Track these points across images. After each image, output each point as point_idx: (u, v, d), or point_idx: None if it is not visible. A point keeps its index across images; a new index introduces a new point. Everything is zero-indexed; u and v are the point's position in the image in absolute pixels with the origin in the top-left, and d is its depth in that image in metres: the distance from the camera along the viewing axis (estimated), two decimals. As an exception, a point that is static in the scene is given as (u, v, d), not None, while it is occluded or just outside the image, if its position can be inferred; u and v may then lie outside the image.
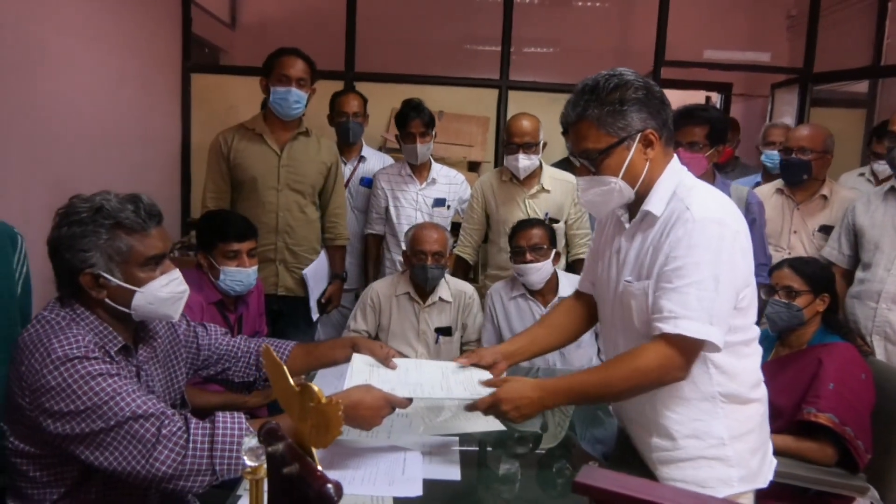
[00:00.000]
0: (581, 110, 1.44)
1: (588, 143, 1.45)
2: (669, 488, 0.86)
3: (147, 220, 1.41)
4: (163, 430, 1.28)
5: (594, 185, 1.48)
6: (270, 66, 2.72)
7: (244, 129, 2.79)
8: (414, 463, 1.63)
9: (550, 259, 2.57)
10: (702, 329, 1.34)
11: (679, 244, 1.37)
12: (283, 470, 0.88)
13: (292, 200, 2.79)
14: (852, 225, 2.54)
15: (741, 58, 4.64)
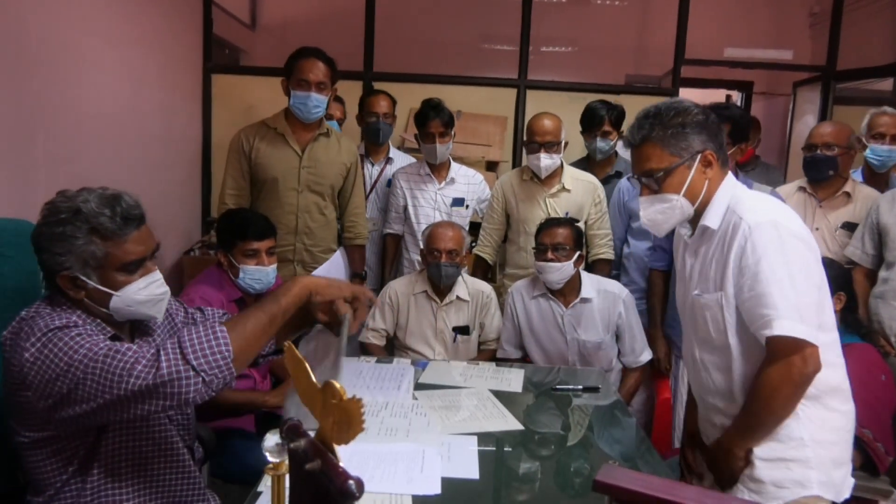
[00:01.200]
0: (646, 133, 1.56)
1: (652, 163, 1.56)
2: (691, 488, 0.86)
3: (124, 226, 1.37)
4: (131, 355, 1.25)
5: (656, 202, 1.59)
6: (291, 68, 2.71)
7: (266, 128, 2.79)
8: (432, 461, 1.64)
9: (573, 261, 2.54)
10: (795, 327, 1.40)
11: (745, 254, 1.46)
12: (305, 466, 0.89)
13: (312, 202, 2.80)
14: (876, 224, 2.51)
15: (762, 56, 4.59)
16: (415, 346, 2.72)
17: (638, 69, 4.97)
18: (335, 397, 0.86)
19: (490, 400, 2.10)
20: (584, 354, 2.61)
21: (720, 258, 1.53)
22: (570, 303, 2.62)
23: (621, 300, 2.63)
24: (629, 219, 3.07)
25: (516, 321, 2.69)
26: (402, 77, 4.01)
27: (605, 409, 2.21)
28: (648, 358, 2.70)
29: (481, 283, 2.84)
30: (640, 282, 2.98)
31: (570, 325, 2.61)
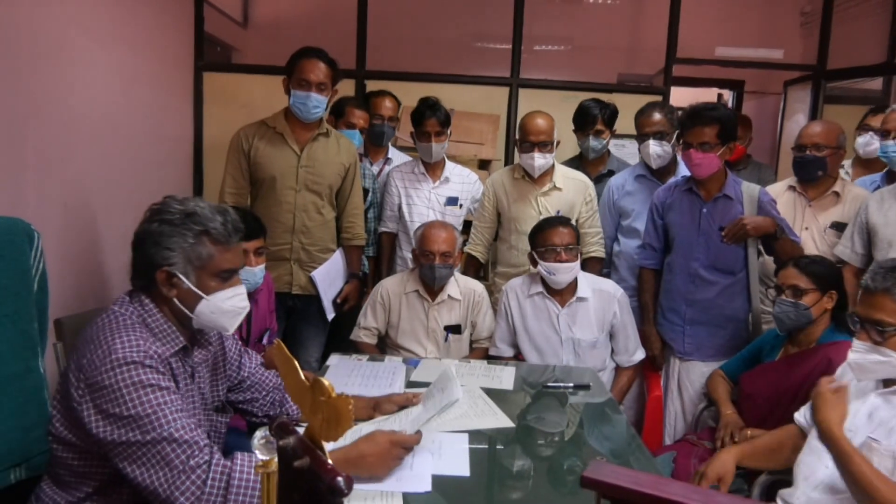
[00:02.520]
0: (889, 285, 1.59)
1: (885, 314, 1.58)
2: (678, 483, 0.87)
3: (232, 235, 1.49)
4: (191, 461, 1.31)
5: (874, 352, 1.60)
6: (292, 67, 2.71)
7: (265, 127, 2.79)
8: (423, 459, 1.65)
9: (577, 261, 2.56)
10: None
11: None
12: (293, 463, 0.90)
13: (309, 201, 2.80)
14: (865, 223, 2.52)
15: (753, 55, 4.60)
16: (406, 344, 2.72)
17: (630, 68, 4.98)
18: (324, 395, 0.86)
19: (481, 398, 2.10)
20: (579, 353, 2.62)
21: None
22: (567, 302, 2.62)
23: (616, 300, 2.64)
24: (619, 217, 3.09)
25: (510, 319, 2.70)
26: (394, 75, 4.01)
27: (596, 407, 2.22)
28: (641, 357, 2.71)
29: (473, 281, 2.84)
30: (630, 280, 2.99)
31: (565, 324, 2.62)
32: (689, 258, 2.63)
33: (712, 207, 2.60)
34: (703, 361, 2.64)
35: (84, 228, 2.72)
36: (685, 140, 2.55)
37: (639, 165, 3.10)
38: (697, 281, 2.62)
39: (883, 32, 4.12)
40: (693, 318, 2.65)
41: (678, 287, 2.67)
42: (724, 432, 2.21)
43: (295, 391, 0.94)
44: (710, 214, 2.60)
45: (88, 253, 2.73)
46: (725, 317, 2.60)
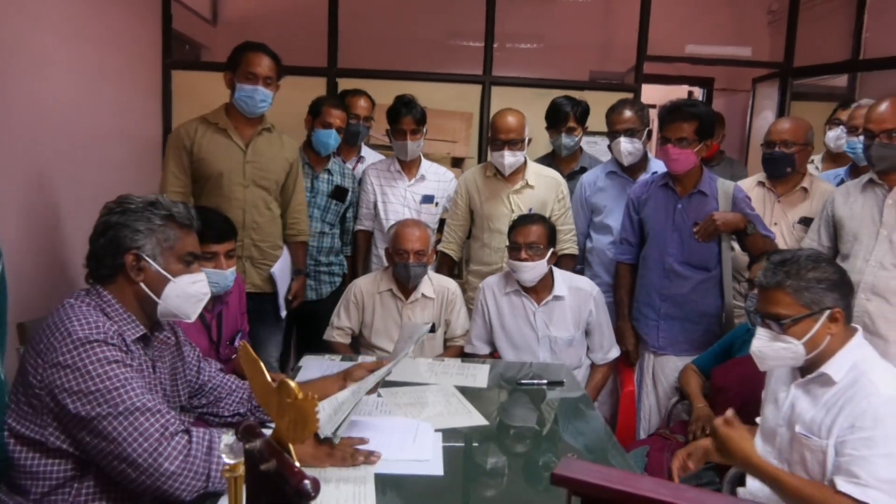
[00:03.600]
0: (780, 279, 1.63)
1: (780, 308, 1.63)
2: (647, 479, 0.87)
3: (193, 220, 1.57)
4: (169, 428, 1.34)
5: (775, 340, 1.65)
6: (236, 61, 2.65)
7: (207, 123, 2.71)
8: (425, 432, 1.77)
9: (546, 259, 2.55)
10: (888, 502, 1.45)
11: (864, 415, 1.51)
12: (260, 466, 0.88)
13: (258, 197, 2.74)
14: (831, 216, 2.56)
15: (722, 52, 4.67)
16: (380, 344, 2.70)
17: (602, 65, 5.01)
18: (290, 396, 0.85)
19: (455, 396, 2.10)
20: (555, 351, 2.63)
21: (833, 409, 1.58)
22: (543, 300, 2.63)
23: (592, 298, 2.65)
24: (591, 214, 3.10)
25: (487, 317, 2.70)
26: (366, 73, 3.98)
27: (570, 404, 2.22)
28: (616, 355, 2.73)
29: (446, 279, 2.83)
30: (603, 276, 3.01)
31: (541, 321, 2.63)
32: (664, 253, 2.65)
33: (687, 203, 2.62)
34: (676, 356, 2.66)
35: (49, 229, 2.66)
36: (663, 135, 2.57)
37: (610, 162, 3.12)
38: (671, 276, 2.64)
39: (847, 30, 4.20)
40: (667, 313, 2.67)
41: (652, 282, 2.69)
42: (695, 426, 2.24)
43: (261, 393, 0.93)
44: (685, 210, 2.62)
45: (52, 254, 2.67)
46: (699, 312, 2.63)
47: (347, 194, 3.15)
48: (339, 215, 3.18)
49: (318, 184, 3.09)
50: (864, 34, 4.11)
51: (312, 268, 3.13)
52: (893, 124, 2.30)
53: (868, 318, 2.40)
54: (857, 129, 2.79)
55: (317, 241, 3.10)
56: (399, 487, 1.54)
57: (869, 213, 2.43)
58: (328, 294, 3.18)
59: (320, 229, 3.11)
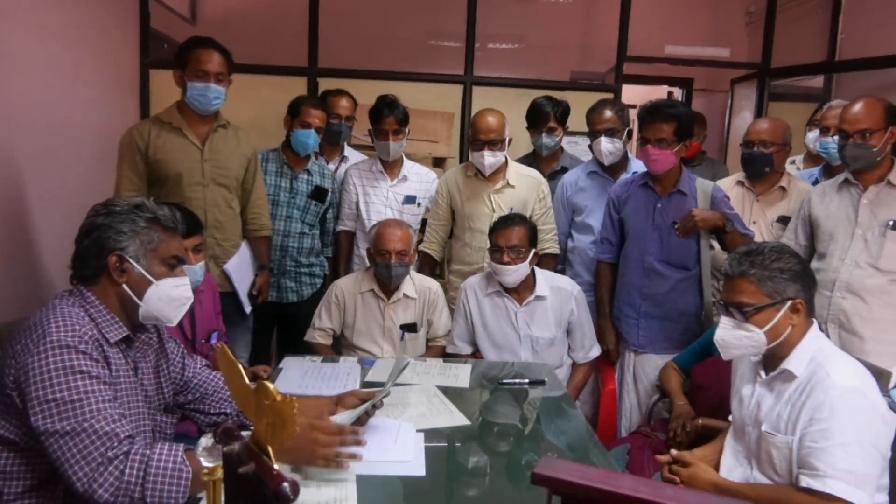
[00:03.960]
0: (745, 269, 1.67)
1: (744, 297, 1.67)
2: (627, 477, 0.87)
3: (178, 223, 1.57)
4: (108, 453, 1.32)
5: (737, 328, 1.69)
6: (184, 59, 2.59)
7: (160, 123, 2.64)
8: (407, 433, 1.77)
9: (528, 261, 2.55)
10: (848, 490, 1.48)
11: (822, 407, 1.54)
12: (238, 470, 0.87)
13: (219, 195, 2.69)
14: (808, 216, 2.60)
15: (701, 53, 4.71)
16: (362, 344, 2.69)
17: (582, 66, 5.04)
18: (268, 398, 0.84)
19: (437, 396, 2.09)
20: (537, 350, 2.64)
21: (797, 404, 1.61)
22: (525, 300, 2.63)
23: (573, 297, 2.66)
24: (573, 213, 3.11)
25: (469, 317, 2.70)
26: (347, 73, 3.97)
27: (552, 403, 2.23)
28: (597, 354, 2.74)
29: (428, 279, 2.83)
30: (584, 275, 3.02)
31: (523, 321, 2.63)
32: (644, 252, 2.67)
33: (667, 203, 2.64)
34: (656, 354, 2.68)
35: (24, 230, 2.62)
36: (643, 136, 2.59)
37: (591, 162, 3.13)
38: (651, 275, 2.66)
39: (823, 32, 4.25)
40: (647, 312, 2.69)
41: (633, 281, 2.71)
42: (676, 423, 2.25)
43: (240, 396, 0.92)
44: (664, 209, 2.64)
45: (29, 256, 2.63)
46: (678, 310, 2.64)
47: (327, 195, 3.13)
48: (319, 216, 3.16)
49: (297, 184, 3.07)
50: (840, 36, 4.17)
51: (293, 269, 3.11)
52: (867, 125, 2.34)
53: (844, 316, 2.44)
54: (829, 129, 2.83)
55: (297, 241, 3.08)
56: (380, 488, 1.53)
57: (844, 212, 2.47)
58: (309, 296, 3.15)
59: (300, 230, 3.08)
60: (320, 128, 3.04)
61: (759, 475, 1.71)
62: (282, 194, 3.05)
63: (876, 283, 2.39)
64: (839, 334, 2.46)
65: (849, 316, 2.43)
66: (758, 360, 1.77)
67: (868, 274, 2.40)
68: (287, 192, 3.04)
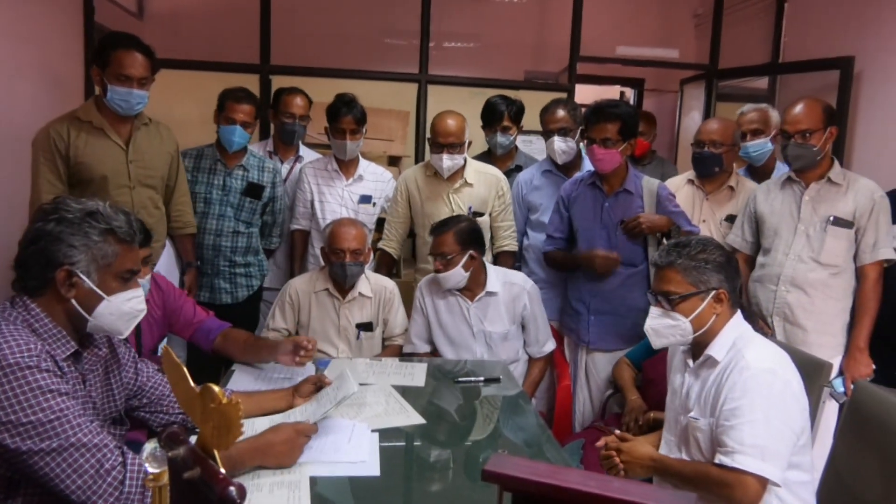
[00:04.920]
0: (672, 259, 1.75)
1: (671, 286, 1.75)
2: (575, 471, 0.88)
3: (135, 235, 1.47)
4: (105, 464, 1.28)
5: (665, 317, 1.76)
6: (105, 59, 2.43)
7: (79, 122, 2.49)
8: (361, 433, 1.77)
9: (461, 265, 2.53)
10: (754, 464, 1.54)
11: (735, 388, 1.61)
12: (184, 475, 0.85)
13: (146, 197, 2.60)
14: (754, 213, 2.67)
15: (651, 54, 4.80)
16: (318, 345, 2.66)
17: (536, 65, 5.08)
18: (214, 401, 0.83)
19: (392, 396, 2.09)
20: (491, 346, 2.65)
21: (718, 388, 1.67)
22: (476, 296, 2.64)
23: (526, 291, 2.68)
24: (528, 211, 3.14)
25: (426, 315, 2.70)
26: (301, 71, 3.92)
27: (507, 400, 2.24)
28: (552, 348, 2.76)
29: (384, 278, 2.81)
30: (539, 272, 3.06)
31: (476, 317, 2.64)
32: (593, 249, 2.70)
33: (614, 201, 2.69)
34: (608, 350, 2.73)
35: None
36: (589, 136, 2.62)
37: (545, 161, 3.17)
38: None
39: (768, 35, 4.38)
40: (597, 309, 2.73)
41: (582, 279, 2.75)
42: (628, 417, 2.30)
43: (185, 399, 0.90)
44: (611, 208, 2.68)
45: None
46: (627, 306, 2.69)
47: (263, 191, 3.04)
48: (257, 213, 3.07)
49: (230, 181, 2.97)
50: (783, 39, 4.30)
51: (227, 269, 3.02)
52: (807, 125, 2.42)
53: (788, 309, 2.52)
54: (745, 134, 2.92)
55: (231, 240, 2.99)
56: (334, 489, 1.52)
57: (788, 209, 2.55)
58: (245, 297, 3.07)
59: (234, 228, 2.99)
60: (247, 122, 2.93)
61: (686, 459, 1.76)
62: (214, 192, 2.96)
63: (818, 276, 2.48)
64: (784, 327, 2.54)
65: (793, 309, 2.51)
66: (687, 350, 1.83)
67: (810, 268, 2.48)
68: (220, 189, 2.95)
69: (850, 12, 3.63)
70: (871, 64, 3.47)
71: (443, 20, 4.49)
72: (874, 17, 3.45)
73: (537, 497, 0.88)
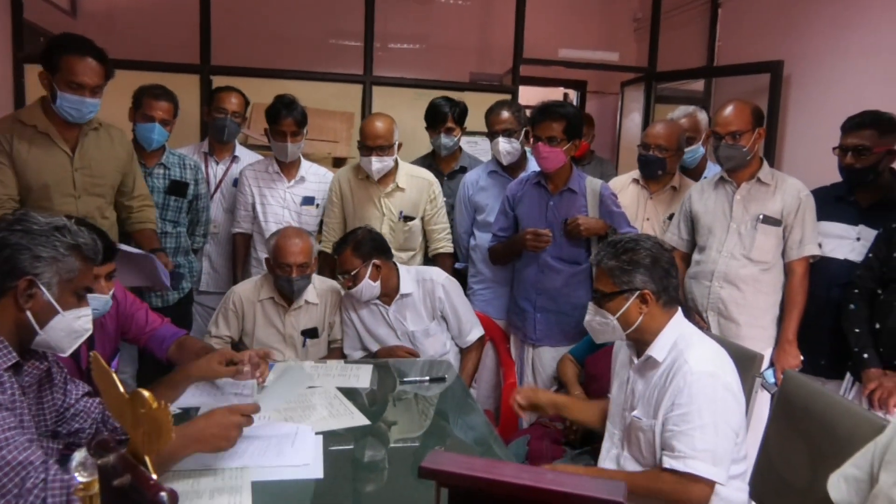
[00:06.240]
0: (601, 258, 1.79)
1: (599, 284, 1.80)
2: (510, 465, 0.90)
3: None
4: (26, 483, 1.24)
5: (598, 314, 1.80)
6: (55, 63, 2.29)
7: (22, 126, 2.35)
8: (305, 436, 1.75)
9: (367, 277, 2.53)
10: (707, 469, 1.58)
11: (681, 393, 1.64)
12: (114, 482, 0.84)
13: (93, 207, 2.46)
14: (689, 211, 2.76)
15: (592, 57, 4.90)
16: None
17: (481, 67, 5.13)
18: (144, 406, 0.81)
19: (337, 398, 2.08)
20: (416, 344, 2.66)
21: (661, 390, 1.70)
22: (393, 300, 2.65)
23: (440, 285, 2.69)
24: (474, 212, 3.17)
25: (353, 325, 2.70)
26: (242, 71, 3.85)
27: (452, 399, 2.26)
28: (479, 335, 2.77)
29: (329, 282, 2.80)
30: (486, 272, 3.09)
31: (396, 319, 2.65)
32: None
33: (558, 200, 2.74)
34: (552, 347, 2.78)
35: None
36: (535, 134, 2.67)
37: (491, 162, 3.20)
38: (546, 270, 2.75)
39: (704, 39, 4.53)
40: (543, 306, 2.77)
41: (528, 277, 2.79)
42: None
43: (115, 406, 0.88)
44: (556, 207, 2.73)
45: None
46: (572, 304, 2.74)
47: (188, 188, 2.96)
48: (183, 212, 2.99)
49: (151, 181, 2.87)
50: (718, 43, 4.45)
51: None
52: (737, 127, 2.52)
53: (722, 304, 2.62)
54: (695, 139, 3.02)
55: None
56: (277, 494, 1.51)
57: (721, 208, 2.65)
58: (175, 301, 2.97)
59: (161, 229, 2.89)
60: (165, 120, 2.84)
61: (628, 456, 1.81)
62: None
63: (749, 272, 2.58)
64: (718, 321, 2.63)
65: (726, 304, 2.61)
66: (632, 346, 1.86)
67: (742, 264, 2.58)
68: None
69: (780, 18, 3.78)
70: (799, 68, 3.62)
71: (388, 22, 4.49)
72: (802, 23, 3.61)
73: (474, 492, 0.89)
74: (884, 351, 2.22)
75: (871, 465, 1.46)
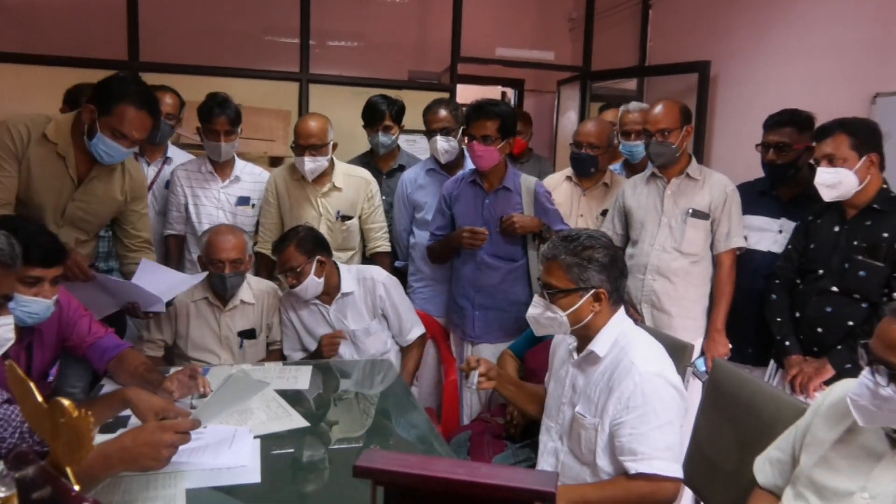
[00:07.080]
0: (557, 252, 1.75)
1: (552, 279, 1.76)
2: (444, 460, 0.91)
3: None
4: None
5: (546, 310, 1.77)
6: (108, 107, 2.17)
7: (44, 140, 2.23)
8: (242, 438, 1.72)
9: (312, 273, 2.51)
10: (669, 467, 1.61)
11: (635, 395, 1.64)
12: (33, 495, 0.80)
13: (71, 237, 2.35)
14: (622, 206, 2.84)
15: (529, 56, 4.97)
16: (198, 355, 2.56)
17: (419, 65, 5.13)
18: (63, 416, 0.78)
19: (275, 400, 2.05)
20: (357, 344, 2.65)
21: (605, 388, 1.70)
22: (333, 299, 2.64)
23: (381, 283, 2.69)
24: (413, 210, 3.17)
25: (293, 327, 2.67)
26: (173, 68, 3.74)
27: (394, 399, 2.26)
28: (419, 333, 2.78)
29: (265, 282, 2.75)
30: (425, 270, 3.09)
31: (336, 319, 2.64)
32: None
33: (494, 198, 2.77)
34: (492, 343, 2.81)
35: None
36: (469, 132, 2.69)
37: (429, 160, 3.21)
38: (483, 267, 2.78)
39: (636, 39, 4.65)
40: (481, 304, 2.80)
41: (466, 275, 2.81)
42: (512, 407, 2.37)
43: (32, 416, 0.85)
44: (491, 205, 2.76)
45: None
46: (509, 300, 2.78)
47: None
48: None
49: None
50: (649, 43, 4.58)
51: None
52: (666, 124, 2.60)
53: (655, 297, 2.70)
54: (630, 133, 3.07)
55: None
56: (213, 500, 1.48)
57: (652, 202, 2.73)
58: None
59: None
60: None
61: (567, 450, 1.82)
62: None
63: (680, 265, 2.67)
64: (651, 313, 2.71)
65: (658, 296, 2.69)
66: (573, 342, 1.87)
67: (673, 257, 2.67)
68: None
69: (707, 20, 3.92)
70: (725, 68, 3.77)
71: (324, 19, 4.44)
72: (727, 25, 3.75)
73: (409, 488, 0.90)
74: (803, 338, 2.32)
75: (793, 448, 1.54)
